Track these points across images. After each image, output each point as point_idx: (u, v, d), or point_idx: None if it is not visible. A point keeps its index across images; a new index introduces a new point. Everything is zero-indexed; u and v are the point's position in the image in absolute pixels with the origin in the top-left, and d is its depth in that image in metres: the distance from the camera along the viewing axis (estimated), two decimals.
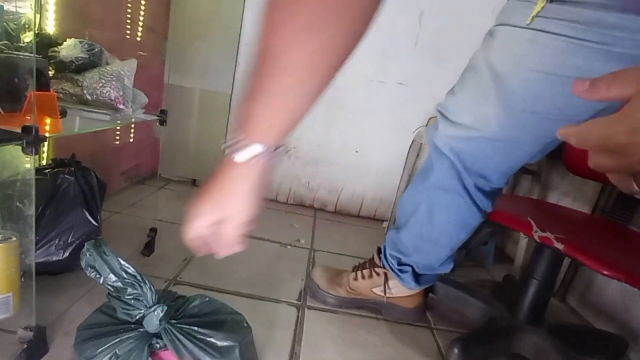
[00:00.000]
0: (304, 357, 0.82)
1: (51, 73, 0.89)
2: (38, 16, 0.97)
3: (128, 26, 1.40)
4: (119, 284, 0.57)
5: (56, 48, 0.90)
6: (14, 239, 0.66)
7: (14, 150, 0.58)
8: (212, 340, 0.60)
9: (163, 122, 1.04)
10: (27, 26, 0.76)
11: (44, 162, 1.05)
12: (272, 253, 1.28)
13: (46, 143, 0.94)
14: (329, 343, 0.88)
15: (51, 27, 1.04)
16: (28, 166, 0.63)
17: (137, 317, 0.59)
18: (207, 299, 0.67)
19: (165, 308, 0.59)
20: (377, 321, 1.00)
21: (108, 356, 0.57)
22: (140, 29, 1.46)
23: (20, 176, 0.64)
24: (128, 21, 1.39)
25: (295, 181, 1.84)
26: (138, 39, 1.47)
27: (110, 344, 0.57)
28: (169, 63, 1.71)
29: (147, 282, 0.58)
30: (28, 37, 0.75)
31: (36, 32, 0.91)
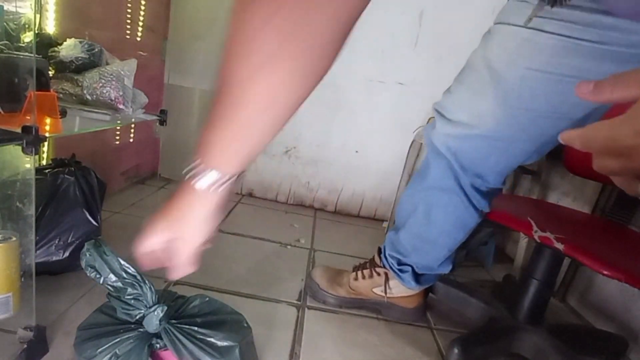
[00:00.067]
0: (304, 357, 0.82)
1: (51, 73, 0.89)
2: (38, 16, 0.97)
3: (128, 26, 1.40)
4: (119, 284, 0.57)
5: (56, 48, 0.91)
6: (14, 239, 0.65)
7: (14, 150, 0.58)
8: (212, 340, 0.60)
9: (163, 122, 1.04)
10: (27, 26, 0.76)
11: (44, 162, 1.05)
12: (272, 253, 1.28)
13: (46, 143, 0.95)
14: (329, 343, 0.88)
15: (51, 27, 1.04)
16: (28, 166, 0.63)
17: (137, 317, 0.58)
18: (207, 299, 0.66)
19: (165, 308, 0.58)
20: (377, 321, 1.00)
21: (108, 356, 0.56)
22: (140, 29, 1.46)
23: (20, 176, 0.64)
24: (128, 21, 1.39)
25: (295, 181, 1.84)
26: (138, 39, 1.47)
27: (110, 344, 0.57)
28: (169, 63, 1.71)
29: (147, 282, 0.58)
30: (28, 37, 0.75)
31: (36, 32, 0.91)
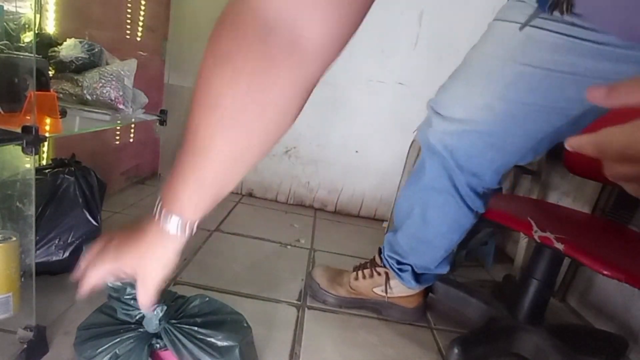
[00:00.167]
0: (304, 357, 0.82)
1: (51, 73, 0.89)
2: (38, 16, 0.97)
3: (128, 26, 1.40)
4: (119, 284, 0.57)
5: (56, 48, 0.91)
6: (14, 239, 0.65)
7: (14, 150, 0.58)
8: (212, 340, 0.60)
9: (163, 122, 1.04)
10: (27, 26, 0.76)
11: (44, 162, 1.05)
12: (272, 253, 1.28)
13: (46, 143, 0.94)
14: (329, 343, 0.88)
15: (51, 27, 1.04)
16: (28, 166, 0.63)
17: (137, 317, 0.58)
18: (207, 299, 0.66)
19: (165, 308, 0.58)
20: (377, 321, 1.00)
21: (108, 356, 0.56)
22: (140, 29, 1.46)
23: (20, 176, 0.64)
24: (128, 21, 1.39)
25: (295, 181, 1.84)
26: (138, 39, 1.47)
27: (110, 344, 0.57)
28: (169, 63, 1.71)
29: None
30: (28, 37, 0.75)
31: (36, 32, 0.91)
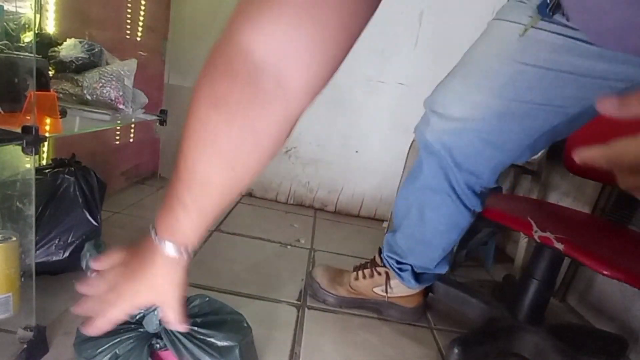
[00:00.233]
0: (304, 357, 0.82)
1: (51, 73, 0.89)
2: (38, 16, 0.97)
3: (128, 26, 1.40)
4: None
5: (56, 48, 0.90)
6: (14, 239, 0.65)
7: (14, 150, 0.58)
8: (212, 340, 0.60)
9: (163, 122, 1.05)
10: (27, 26, 0.76)
11: (44, 162, 1.05)
12: (272, 253, 1.28)
13: (46, 143, 0.94)
14: (329, 343, 0.88)
15: (51, 27, 1.04)
16: (28, 166, 0.63)
17: (137, 317, 0.58)
18: (207, 299, 0.66)
19: None
20: (377, 321, 1.00)
21: (108, 356, 0.56)
22: (140, 29, 1.46)
23: (20, 176, 0.64)
24: (128, 21, 1.39)
25: (295, 181, 1.84)
26: (138, 39, 1.47)
27: (110, 344, 0.57)
28: (169, 63, 1.71)
29: None
30: (28, 37, 0.75)
31: (36, 32, 0.91)
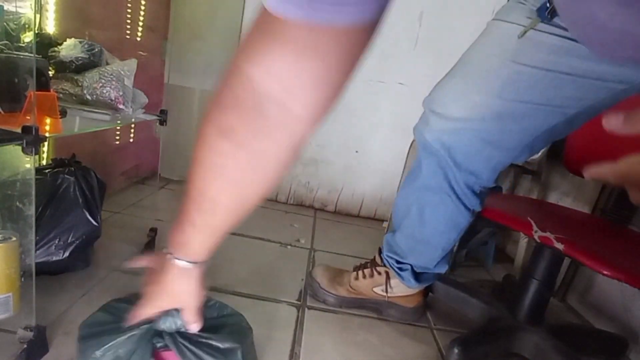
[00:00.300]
0: (304, 357, 0.82)
1: (51, 73, 0.88)
2: (38, 16, 0.97)
3: (128, 26, 1.40)
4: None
5: (56, 48, 0.90)
6: (14, 239, 0.65)
7: (14, 150, 0.58)
8: (214, 342, 0.60)
9: (163, 122, 1.04)
10: (27, 26, 0.76)
11: (44, 162, 1.05)
12: (272, 253, 1.28)
13: (46, 143, 0.94)
14: (329, 343, 0.88)
15: (51, 27, 1.04)
16: (28, 166, 0.63)
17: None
18: (209, 301, 0.66)
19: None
20: (377, 321, 1.00)
21: (110, 354, 0.57)
22: (140, 29, 1.46)
23: (20, 176, 0.64)
24: (128, 21, 1.39)
25: (295, 181, 1.84)
26: (138, 39, 1.47)
27: (112, 343, 0.57)
28: (169, 63, 1.71)
29: None
30: (28, 37, 0.75)
31: (36, 32, 0.91)
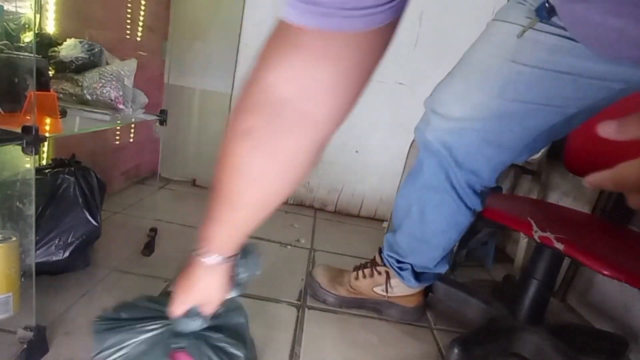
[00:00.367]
0: (304, 357, 0.82)
1: (51, 73, 0.88)
2: (38, 16, 0.97)
3: (128, 26, 1.40)
4: None
5: (56, 48, 0.90)
6: (14, 239, 0.66)
7: (14, 150, 0.58)
8: (224, 345, 0.60)
9: (163, 122, 1.04)
10: (27, 26, 0.76)
11: (44, 162, 1.05)
12: (272, 253, 1.28)
13: (46, 143, 0.94)
14: (329, 343, 0.88)
15: (51, 27, 1.04)
16: (28, 166, 0.63)
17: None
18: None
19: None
20: (377, 321, 1.00)
21: (126, 350, 0.57)
22: (140, 29, 1.46)
23: (20, 176, 0.64)
24: (128, 21, 1.39)
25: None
26: (138, 39, 1.47)
27: (130, 341, 0.57)
28: (169, 63, 1.71)
29: None
30: (28, 37, 0.75)
31: (36, 32, 0.91)
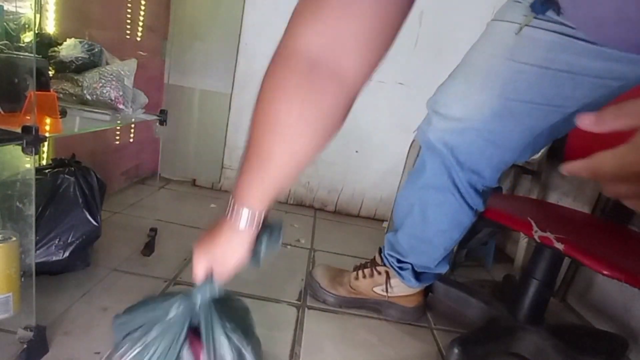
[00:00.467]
0: (304, 357, 0.82)
1: (51, 73, 0.88)
2: (38, 16, 0.97)
3: (128, 26, 1.40)
4: None
5: (56, 48, 0.90)
6: (14, 239, 0.65)
7: (14, 150, 0.58)
8: (238, 343, 0.60)
9: (163, 122, 1.04)
10: (27, 26, 0.76)
11: (44, 162, 1.05)
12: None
13: (46, 143, 0.94)
14: (329, 343, 0.88)
15: (51, 27, 1.04)
16: (28, 166, 0.63)
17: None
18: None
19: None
20: (377, 321, 1.00)
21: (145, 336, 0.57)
22: (140, 29, 1.46)
23: (20, 176, 0.64)
24: (128, 21, 1.39)
25: (295, 181, 1.84)
26: (138, 39, 1.47)
27: (148, 332, 0.57)
28: (169, 63, 1.71)
29: None
30: (28, 37, 0.75)
31: (36, 32, 0.91)
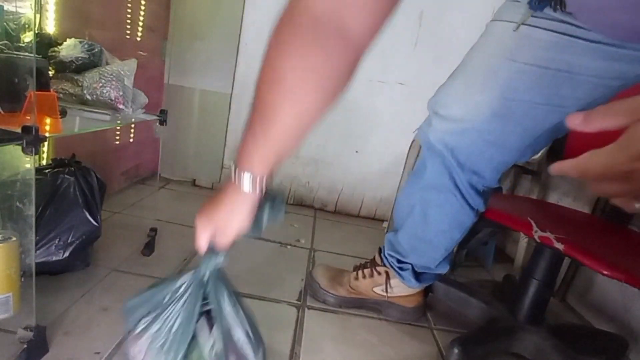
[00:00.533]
0: (304, 357, 0.82)
1: (51, 73, 0.89)
2: (38, 16, 0.97)
3: (128, 26, 1.40)
4: None
5: (56, 48, 0.90)
6: (14, 239, 0.65)
7: (14, 150, 0.58)
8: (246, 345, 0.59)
9: (163, 122, 1.04)
10: (27, 26, 0.76)
11: (44, 162, 1.05)
12: (272, 253, 1.28)
13: (46, 143, 0.94)
14: (329, 343, 0.88)
15: (51, 27, 1.04)
16: (28, 166, 0.63)
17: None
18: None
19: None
20: (377, 321, 1.00)
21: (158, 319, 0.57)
22: (140, 29, 1.46)
23: (20, 176, 0.64)
24: (128, 21, 1.39)
25: (295, 181, 1.84)
26: (138, 39, 1.47)
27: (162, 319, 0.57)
28: (169, 63, 1.71)
29: None
30: (28, 37, 0.75)
31: (36, 32, 0.91)
